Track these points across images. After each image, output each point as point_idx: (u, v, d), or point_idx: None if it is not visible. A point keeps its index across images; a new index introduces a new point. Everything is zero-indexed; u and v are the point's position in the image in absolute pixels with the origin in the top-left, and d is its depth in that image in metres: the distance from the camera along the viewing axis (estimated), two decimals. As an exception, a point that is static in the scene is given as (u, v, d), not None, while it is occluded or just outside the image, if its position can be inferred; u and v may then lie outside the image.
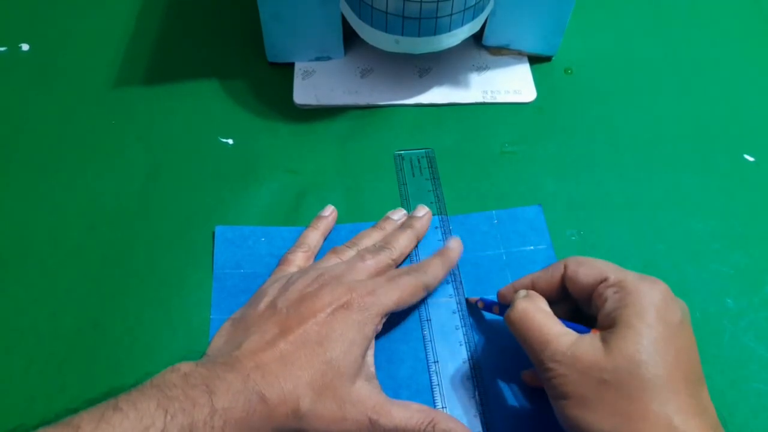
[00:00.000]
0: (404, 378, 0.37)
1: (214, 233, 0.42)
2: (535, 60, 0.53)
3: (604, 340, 0.30)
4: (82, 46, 0.54)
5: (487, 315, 0.39)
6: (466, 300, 0.40)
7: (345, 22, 0.48)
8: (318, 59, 0.51)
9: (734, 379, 0.37)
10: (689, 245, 0.42)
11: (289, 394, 0.31)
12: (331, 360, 0.32)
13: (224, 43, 0.54)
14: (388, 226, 0.42)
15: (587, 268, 0.33)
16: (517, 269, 0.41)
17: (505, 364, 0.38)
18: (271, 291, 0.36)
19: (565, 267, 0.34)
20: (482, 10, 0.45)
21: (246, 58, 0.52)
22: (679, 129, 0.49)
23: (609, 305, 0.31)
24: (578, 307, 0.35)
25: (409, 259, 0.41)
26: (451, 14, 0.43)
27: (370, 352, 0.36)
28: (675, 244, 0.42)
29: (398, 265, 0.40)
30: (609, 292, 0.31)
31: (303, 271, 0.38)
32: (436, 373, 0.37)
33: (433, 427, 0.33)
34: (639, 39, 0.55)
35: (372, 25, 0.44)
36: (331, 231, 0.43)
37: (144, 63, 0.52)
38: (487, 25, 0.50)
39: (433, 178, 0.45)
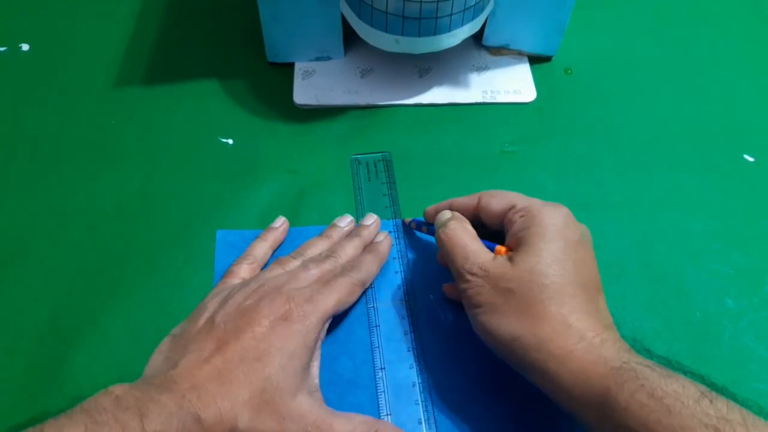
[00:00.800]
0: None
1: (215, 236, 0.42)
2: (535, 60, 0.53)
3: (511, 258, 0.33)
4: (82, 46, 0.54)
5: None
6: (402, 222, 0.42)
7: (345, 22, 0.48)
8: (318, 59, 0.51)
9: (734, 379, 0.37)
10: (689, 245, 0.42)
11: (226, 413, 0.30)
12: (270, 376, 0.32)
13: (224, 43, 0.54)
14: (335, 234, 0.42)
15: (498, 199, 0.37)
16: None
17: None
18: (211, 305, 0.35)
19: (479, 198, 0.38)
20: (482, 10, 0.45)
21: (246, 58, 0.52)
22: (679, 129, 0.49)
23: (516, 227, 0.35)
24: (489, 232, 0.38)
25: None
26: (451, 14, 0.43)
27: (315, 363, 0.35)
28: (675, 244, 0.42)
29: None
30: (516, 217, 0.35)
31: (243, 284, 0.37)
32: (382, 379, 0.37)
33: None
34: (639, 39, 0.55)
35: (372, 25, 0.44)
36: (281, 243, 0.42)
37: (144, 63, 0.52)
38: (487, 25, 0.50)
39: (389, 182, 0.45)
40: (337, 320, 0.38)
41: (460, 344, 0.38)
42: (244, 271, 0.39)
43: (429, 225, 0.41)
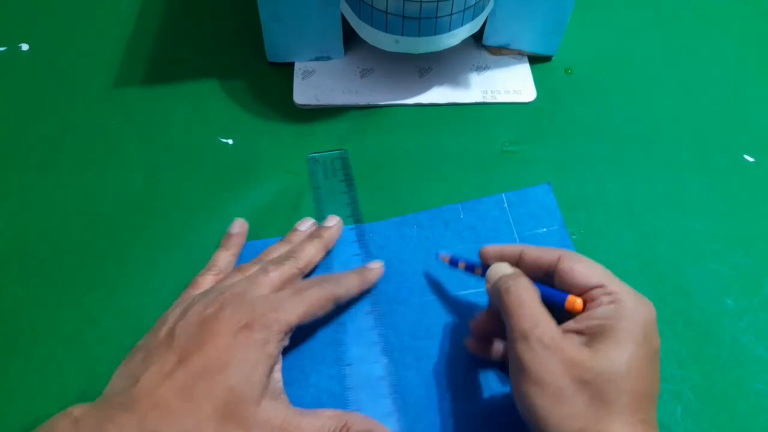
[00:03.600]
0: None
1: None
2: (535, 60, 0.53)
3: (591, 344, 0.30)
4: (82, 46, 0.54)
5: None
6: (436, 255, 0.40)
7: (345, 22, 0.48)
8: (318, 59, 0.51)
9: (734, 379, 0.37)
10: (689, 245, 0.42)
11: (189, 430, 0.30)
12: (233, 387, 0.31)
13: (224, 43, 0.54)
14: (296, 238, 0.41)
15: (585, 268, 0.33)
16: None
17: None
18: (171, 316, 0.35)
19: (560, 259, 0.34)
20: (482, 9, 0.45)
21: (246, 58, 0.52)
22: (679, 129, 0.49)
23: (600, 311, 0.31)
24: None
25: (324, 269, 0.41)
26: (451, 14, 0.43)
27: (277, 367, 0.34)
28: (675, 244, 0.42)
29: (306, 276, 0.39)
30: (604, 299, 0.32)
31: (204, 293, 0.36)
32: (350, 375, 0.37)
33: (347, 430, 0.32)
34: (639, 39, 0.55)
35: (372, 25, 0.44)
36: (243, 247, 0.41)
37: (144, 63, 0.52)
38: (487, 24, 0.50)
39: (347, 179, 0.45)
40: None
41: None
42: (209, 282, 0.38)
43: (484, 267, 0.36)
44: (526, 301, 0.32)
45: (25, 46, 0.54)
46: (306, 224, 0.42)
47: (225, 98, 0.50)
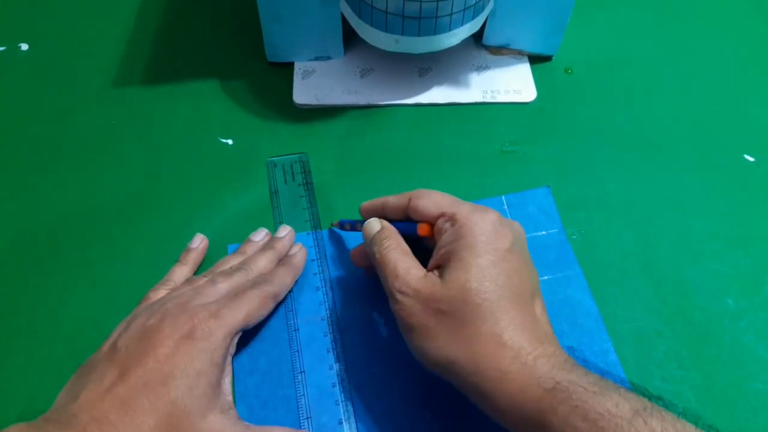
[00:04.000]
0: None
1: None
2: (535, 60, 0.53)
3: (441, 275, 0.32)
4: (82, 46, 0.54)
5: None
6: (331, 226, 0.42)
7: (345, 22, 0.48)
8: (318, 59, 0.51)
9: (734, 379, 0.37)
10: (689, 245, 0.42)
11: None
12: (176, 399, 0.30)
13: (224, 43, 0.54)
14: (249, 249, 0.40)
15: (426, 201, 0.35)
16: (533, 256, 0.41)
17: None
18: (116, 331, 0.34)
19: (410, 199, 0.36)
20: (482, 9, 0.45)
21: (246, 58, 0.52)
22: (679, 129, 0.49)
23: (444, 238, 0.33)
24: None
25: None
26: (451, 14, 0.43)
27: (226, 379, 0.34)
28: (675, 244, 0.42)
29: None
30: (446, 226, 0.34)
31: (149, 305, 0.35)
32: (302, 383, 0.36)
33: None
34: (639, 39, 0.55)
35: (372, 25, 0.44)
36: (201, 263, 0.41)
37: (144, 63, 0.52)
38: (487, 24, 0.50)
39: (306, 183, 0.44)
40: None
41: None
42: (160, 296, 0.37)
43: (362, 223, 0.39)
44: (389, 261, 0.34)
45: (25, 46, 0.53)
46: (260, 235, 0.41)
47: (225, 98, 0.50)
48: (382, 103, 0.50)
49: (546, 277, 0.40)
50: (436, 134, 0.48)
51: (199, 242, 0.41)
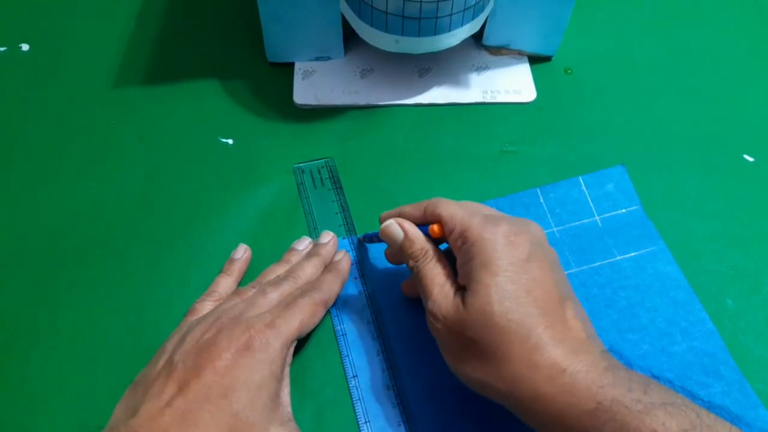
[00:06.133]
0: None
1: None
2: (535, 60, 0.53)
3: (464, 299, 0.31)
4: (82, 46, 0.54)
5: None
6: (358, 240, 0.41)
7: (345, 22, 0.48)
8: (318, 59, 0.51)
9: (734, 379, 0.37)
10: (689, 245, 0.42)
11: None
12: (238, 412, 0.30)
13: (224, 43, 0.54)
14: (293, 258, 0.40)
15: (441, 210, 0.34)
16: (616, 235, 0.42)
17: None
18: (170, 345, 0.34)
19: (425, 210, 0.36)
20: (482, 10, 0.45)
21: (246, 58, 0.52)
22: (679, 129, 0.49)
23: (460, 259, 0.33)
24: None
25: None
26: (451, 14, 0.43)
27: (286, 391, 0.34)
28: (675, 244, 0.42)
29: None
30: (458, 243, 0.33)
31: (201, 318, 0.35)
32: (357, 387, 0.37)
33: None
34: (639, 39, 0.55)
35: (372, 25, 0.44)
36: (245, 273, 0.41)
37: (144, 63, 0.52)
38: (487, 24, 0.50)
39: (336, 188, 0.45)
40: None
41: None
42: (207, 308, 0.37)
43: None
44: (423, 277, 0.33)
45: (25, 46, 0.53)
46: (303, 243, 0.41)
47: (225, 98, 0.50)
48: (382, 103, 0.50)
49: (632, 254, 0.41)
50: (436, 134, 0.48)
51: (242, 252, 0.41)
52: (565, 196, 0.44)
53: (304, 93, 0.50)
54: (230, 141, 0.48)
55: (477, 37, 0.52)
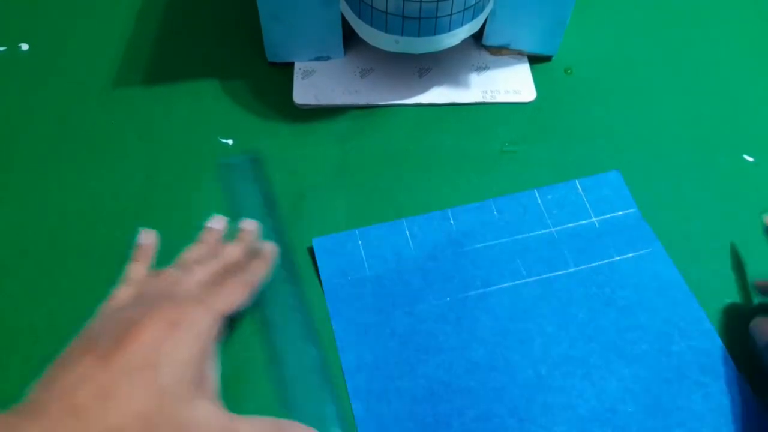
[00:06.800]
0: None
1: (311, 247, 0.42)
2: (535, 60, 0.53)
3: None
4: (82, 46, 0.54)
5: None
6: (755, 284, 0.40)
7: (345, 22, 0.48)
8: (318, 59, 0.51)
9: (734, 379, 0.37)
10: (689, 245, 0.42)
11: (116, 431, 0.27)
12: (164, 386, 0.29)
13: (224, 43, 0.54)
14: (211, 237, 0.40)
15: None
16: (613, 236, 0.42)
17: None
18: (90, 326, 0.32)
19: None
20: (482, 9, 0.45)
21: (246, 58, 0.52)
22: (679, 129, 0.49)
23: None
24: None
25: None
26: (451, 14, 0.43)
27: (211, 366, 0.33)
28: (675, 244, 0.42)
29: None
30: None
31: (122, 300, 0.34)
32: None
33: None
34: (639, 39, 0.55)
35: (372, 25, 0.44)
36: (154, 256, 0.40)
37: (144, 63, 0.52)
38: (487, 24, 0.50)
39: (261, 180, 0.44)
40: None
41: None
42: (124, 293, 0.36)
43: None
44: None
45: (25, 46, 0.54)
46: (219, 222, 0.41)
47: (225, 98, 0.50)
48: (382, 103, 0.50)
49: (630, 255, 0.41)
50: (436, 134, 0.48)
51: (148, 237, 0.40)
52: (563, 198, 0.44)
53: (304, 93, 0.50)
54: (230, 141, 0.48)
55: (477, 37, 0.52)
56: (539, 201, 0.44)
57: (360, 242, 0.42)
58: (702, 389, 0.36)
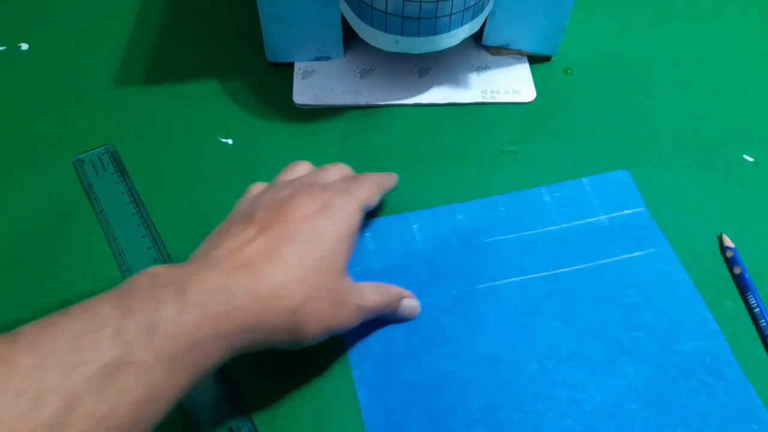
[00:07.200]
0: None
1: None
2: (534, 60, 0.53)
3: None
4: (82, 46, 0.54)
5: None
6: None
7: (345, 22, 0.48)
8: (318, 59, 0.51)
9: (733, 379, 0.37)
10: (688, 245, 0.42)
11: (282, 288, 0.29)
12: (323, 257, 0.31)
13: (224, 43, 0.54)
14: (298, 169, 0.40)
15: None
16: (621, 235, 0.42)
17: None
18: (242, 207, 0.35)
19: None
20: (482, 9, 0.45)
21: (246, 58, 0.52)
22: (679, 129, 0.49)
23: None
24: None
25: None
26: (451, 14, 0.43)
27: (352, 249, 0.35)
28: (675, 244, 0.42)
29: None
30: None
31: (270, 187, 0.36)
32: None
33: (400, 300, 0.37)
34: (639, 39, 0.55)
35: (372, 25, 0.44)
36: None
37: (144, 63, 0.52)
38: (486, 24, 0.50)
39: (120, 171, 0.45)
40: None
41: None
42: (263, 186, 0.38)
43: None
44: None
45: (25, 46, 0.54)
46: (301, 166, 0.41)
47: (225, 98, 0.50)
48: (382, 103, 0.50)
49: (637, 254, 0.41)
50: (436, 134, 0.48)
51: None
52: (570, 196, 0.44)
53: (303, 93, 0.50)
54: (230, 141, 0.48)
55: (477, 37, 0.52)
56: (547, 198, 0.44)
57: (367, 234, 0.42)
58: (706, 389, 0.36)
